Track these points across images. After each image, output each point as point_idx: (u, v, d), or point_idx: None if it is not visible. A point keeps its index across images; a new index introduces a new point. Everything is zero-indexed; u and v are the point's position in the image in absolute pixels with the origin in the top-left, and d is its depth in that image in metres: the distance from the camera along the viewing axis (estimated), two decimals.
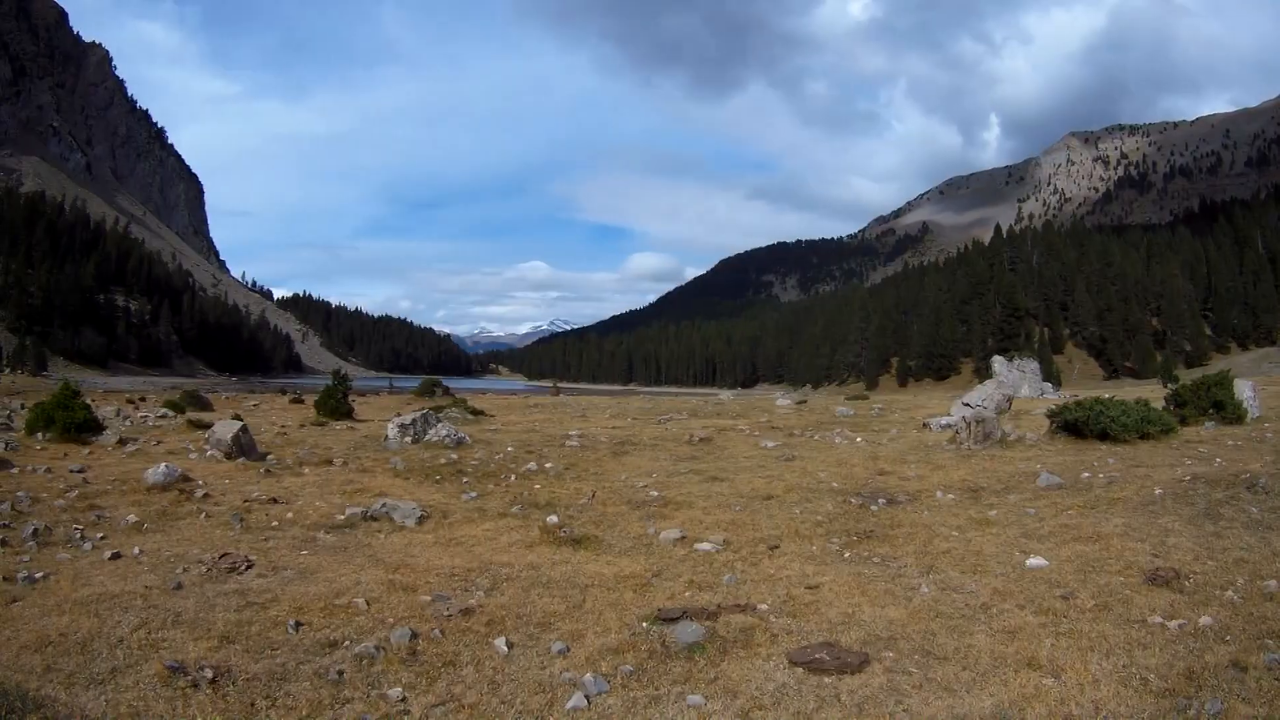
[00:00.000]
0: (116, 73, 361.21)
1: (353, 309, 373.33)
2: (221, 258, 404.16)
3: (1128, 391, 37.89)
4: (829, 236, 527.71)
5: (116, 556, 9.63)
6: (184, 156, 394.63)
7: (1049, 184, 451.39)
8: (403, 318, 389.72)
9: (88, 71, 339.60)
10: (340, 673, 6.12)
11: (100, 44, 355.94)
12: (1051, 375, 67.89)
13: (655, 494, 14.06)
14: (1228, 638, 6.24)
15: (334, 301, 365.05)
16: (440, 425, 21.69)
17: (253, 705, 5.57)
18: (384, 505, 12.63)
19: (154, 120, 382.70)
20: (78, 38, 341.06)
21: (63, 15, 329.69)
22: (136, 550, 9.95)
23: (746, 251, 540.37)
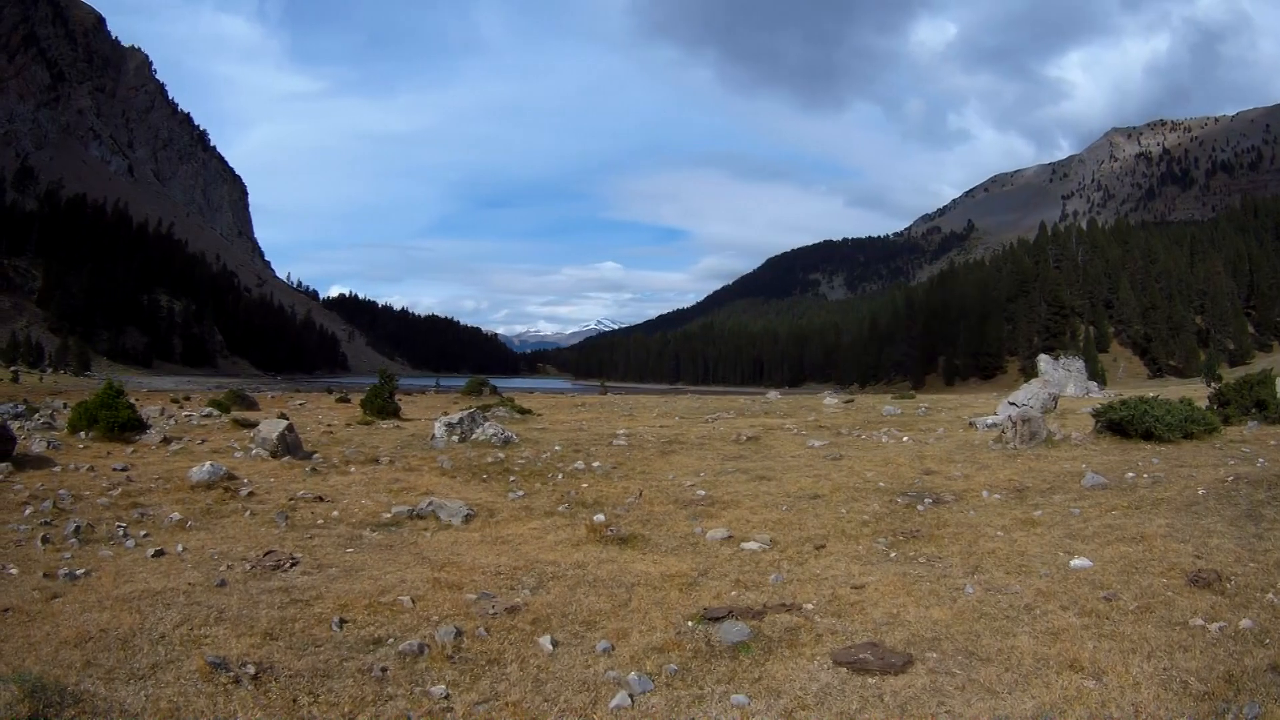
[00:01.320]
0: (157, 76, 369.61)
1: (399, 309, 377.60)
2: (267, 258, 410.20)
3: (1172, 390, 37.51)
4: (875, 235, 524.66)
5: (160, 554, 9.77)
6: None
7: (1092, 180, 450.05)
8: (449, 317, 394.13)
9: (127, 75, 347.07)
10: (384, 670, 6.15)
11: (139, 48, 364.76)
12: (1097, 374, 67.29)
13: (702, 493, 14.05)
14: (1267, 641, 6.21)
15: (380, 302, 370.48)
16: (487, 424, 21.77)
17: (295, 701, 5.60)
18: (430, 503, 12.70)
19: (196, 123, 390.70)
20: (116, 42, 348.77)
21: (100, 20, 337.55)
22: (180, 547, 10.08)
23: (793, 250, 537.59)
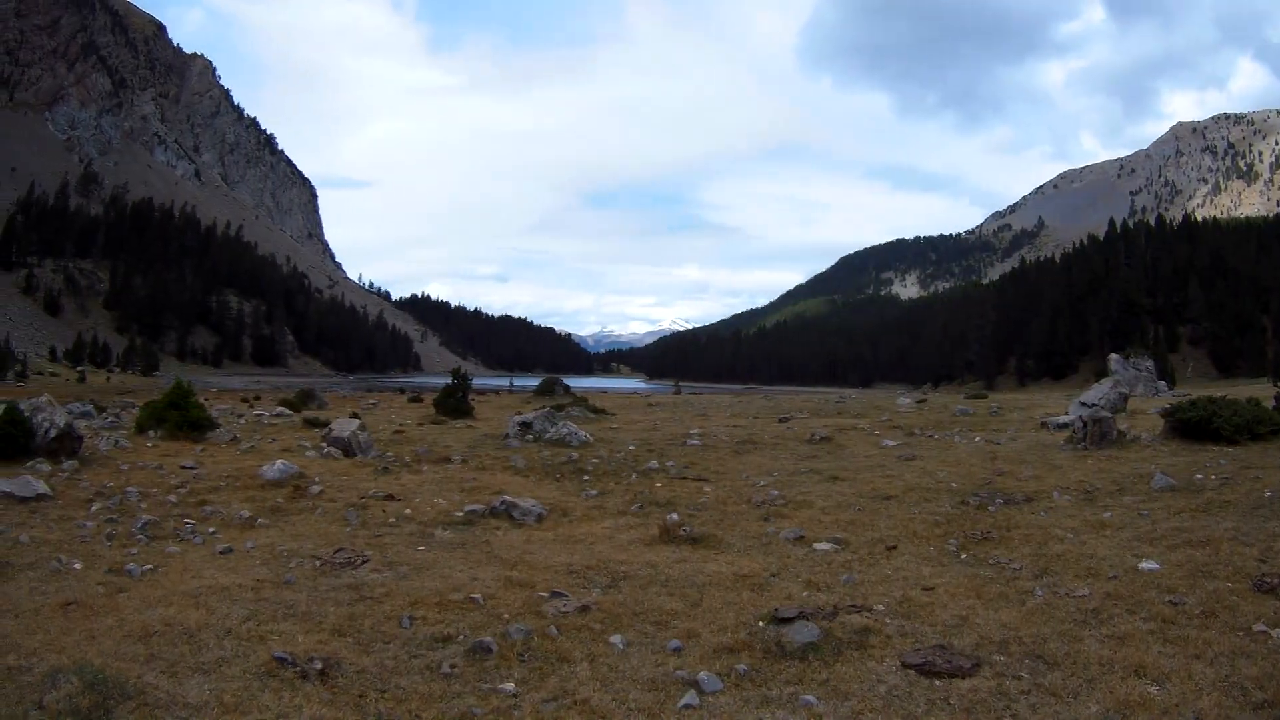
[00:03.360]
0: (221, 82, 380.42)
1: (472, 309, 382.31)
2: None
3: (1240, 390, 36.78)
4: (947, 233, 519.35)
5: (228, 551, 9.95)
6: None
7: (1159, 176, 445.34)
8: (523, 317, 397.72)
9: (191, 81, 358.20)
10: (453, 667, 6.19)
11: (202, 55, 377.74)
12: (1166, 373, 66.32)
13: (775, 493, 14.10)
14: None
15: (453, 302, 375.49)
16: (561, 424, 21.92)
17: (361, 697, 5.66)
18: (503, 502, 12.77)
19: (262, 127, 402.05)
20: (178, 49, 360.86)
21: (160, 28, 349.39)
22: (249, 544, 10.26)
23: (866, 248, 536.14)
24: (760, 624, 7.16)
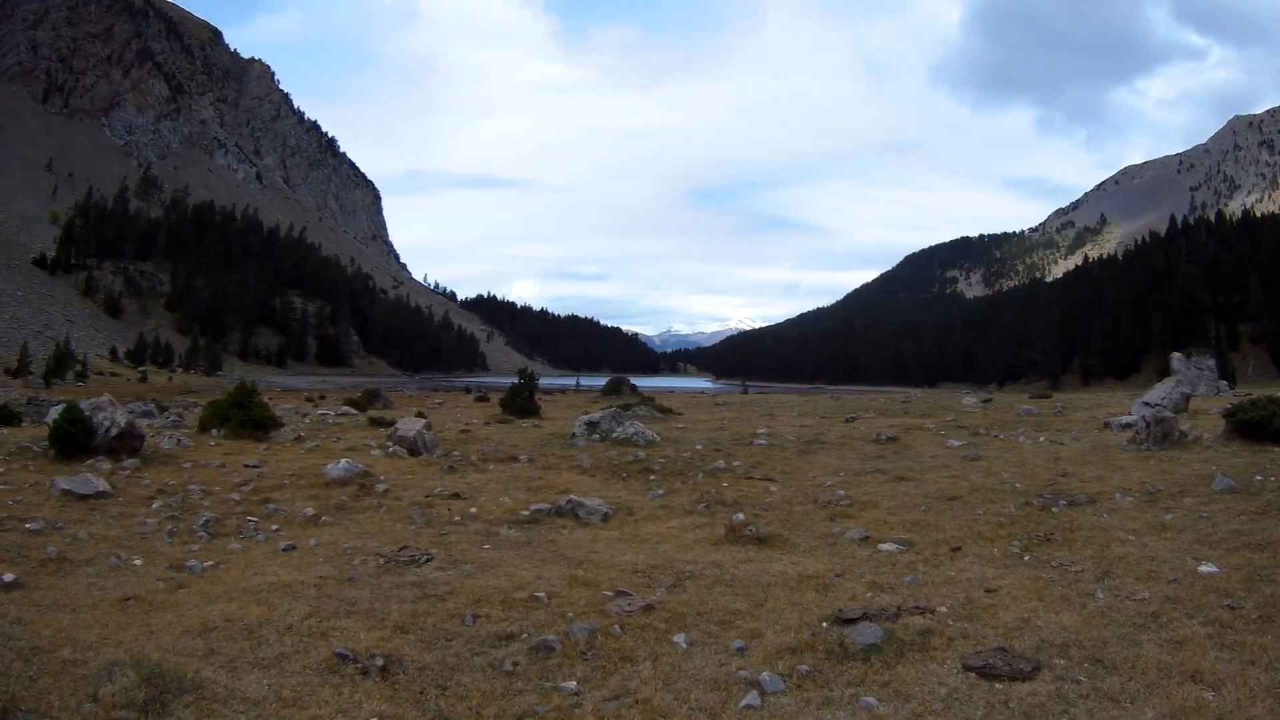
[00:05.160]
0: (280, 86, 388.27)
1: (538, 309, 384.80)
2: (403, 260, 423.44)
3: None
4: (1010, 230, 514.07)
5: (290, 548, 10.12)
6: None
7: (1218, 171, 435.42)
8: (590, 317, 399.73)
9: (249, 86, 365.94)
10: (515, 665, 6.24)
11: (260, 59, 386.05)
12: (1228, 372, 65.22)
13: (841, 493, 14.12)
14: None
15: (519, 302, 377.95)
16: (628, 423, 21.96)
17: (422, 694, 5.71)
18: (569, 501, 12.83)
19: (324, 130, 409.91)
20: (235, 55, 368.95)
21: (217, 34, 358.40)
22: (312, 542, 10.43)
23: (930, 247, 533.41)
24: (824, 625, 7.20)
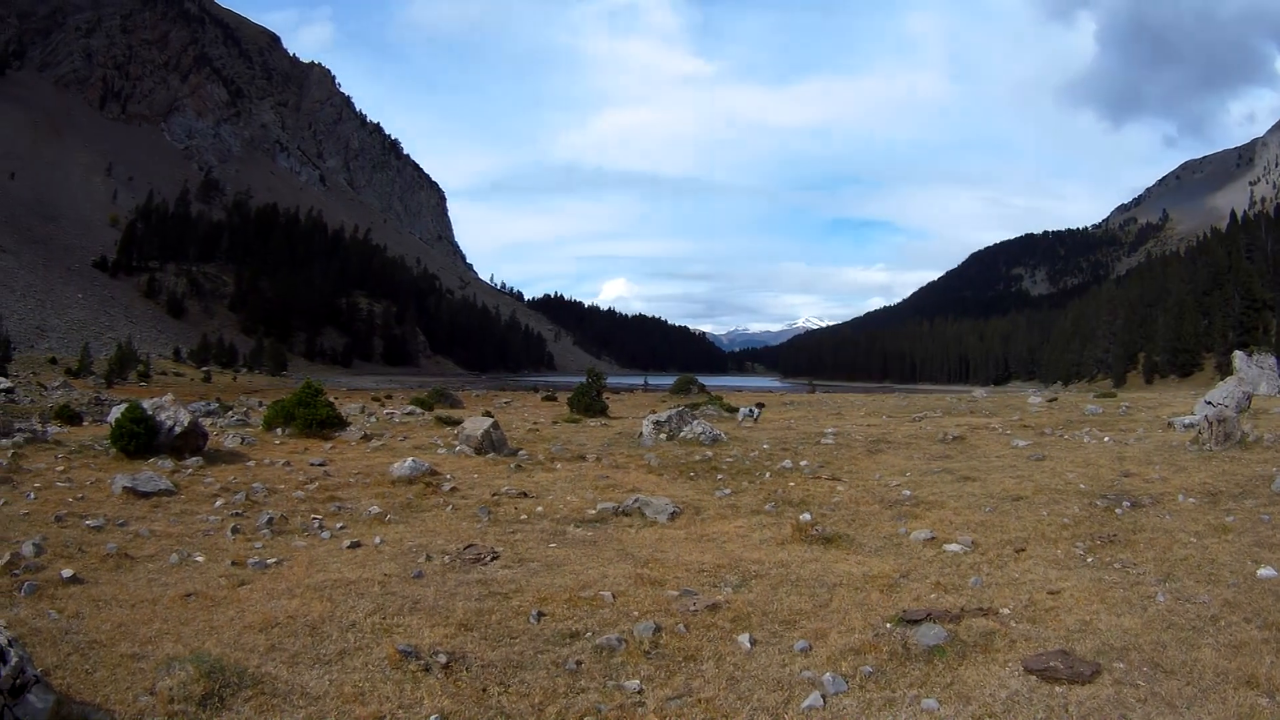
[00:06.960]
0: (341, 89, 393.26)
1: (606, 309, 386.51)
2: (469, 261, 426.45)
3: None
4: (1075, 227, 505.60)
5: (355, 545, 10.23)
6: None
7: (1276, 165, 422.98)
8: (657, 316, 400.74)
9: (310, 90, 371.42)
10: (578, 663, 6.30)
11: (320, 63, 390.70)
12: None
13: (907, 493, 14.12)
14: None
15: (586, 302, 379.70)
16: (695, 422, 21.95)
17: (484, 691, 5.77)
18: (636, 500, 12.84)
19: (387, 132, 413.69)
20: (295, 59, 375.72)
21: (275, 39, 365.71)
22: (377, 540, 10.54)
23: (996, 245, 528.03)
24: (888, 625, 7.25)
